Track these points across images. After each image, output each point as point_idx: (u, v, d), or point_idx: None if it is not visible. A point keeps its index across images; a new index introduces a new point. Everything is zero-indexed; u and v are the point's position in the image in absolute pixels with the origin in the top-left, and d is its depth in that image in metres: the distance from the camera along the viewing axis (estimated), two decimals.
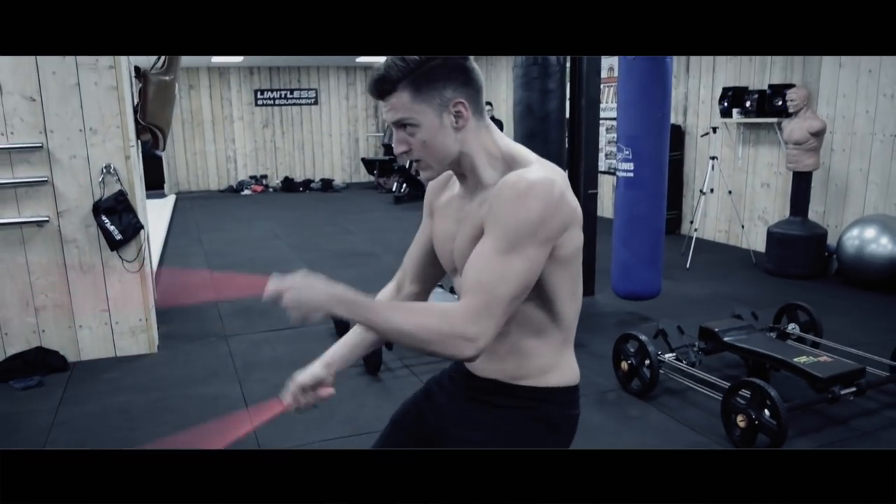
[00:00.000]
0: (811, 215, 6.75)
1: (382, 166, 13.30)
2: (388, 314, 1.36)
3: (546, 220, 1.35)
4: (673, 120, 8.74)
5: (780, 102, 7.15)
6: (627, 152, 5.15)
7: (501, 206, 1.37)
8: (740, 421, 3.25)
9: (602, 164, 9.34)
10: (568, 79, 5.80)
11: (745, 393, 3.28)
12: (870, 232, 6.08)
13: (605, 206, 9.46)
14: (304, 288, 1.37)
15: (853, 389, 3.54)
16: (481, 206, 1.45)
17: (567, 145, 5.99)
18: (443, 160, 1.47)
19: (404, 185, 11.92)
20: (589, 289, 5.80)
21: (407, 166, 11.35)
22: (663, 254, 5.31)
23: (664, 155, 5.23)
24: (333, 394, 1.69)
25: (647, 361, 3.82)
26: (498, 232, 1.36)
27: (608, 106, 9.41)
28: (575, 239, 1.44)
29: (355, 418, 3.65)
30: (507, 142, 1.51)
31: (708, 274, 6.72)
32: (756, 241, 7.58)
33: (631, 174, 5.15)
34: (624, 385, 3.96)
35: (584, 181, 5.91)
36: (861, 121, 6.53)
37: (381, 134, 14.47)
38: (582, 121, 5.89)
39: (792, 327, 4.39)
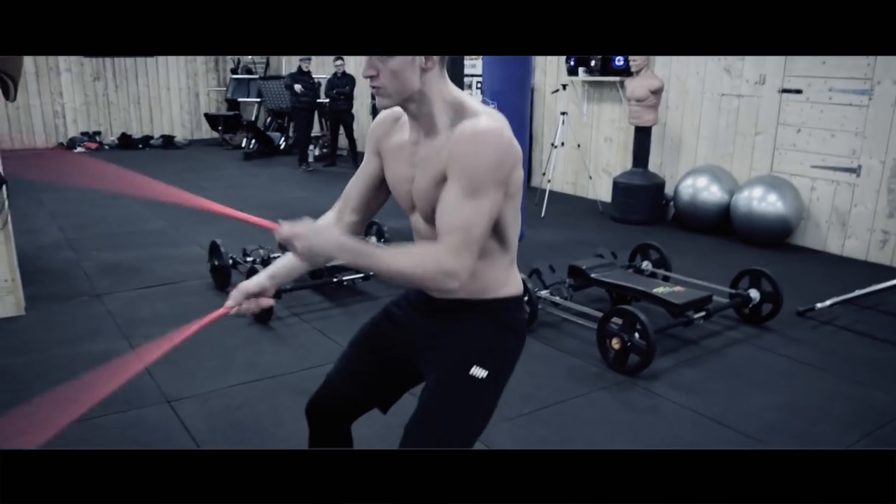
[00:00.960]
0: (651, 167, 7.40)
1: (227, 122, 12.89)
2: (388, 259, 1.54)
3: (501, 163, 1.54)
4: None
5: (621, 62, 7.73)
6: (493, 105, 5.41)
7: (462, 154, 1.54)
8: (615, 344, 3.64)
9: None
10: None
11: (618, 320, 3.68)
12: (701, 181, 6.78)
13: None
14: (314, 235, 1.51)
15: (703, 314, 4.05)
16: (439, 153, 1.61)
17: None
18: (402, 93, 1.60)
19: (253, 141, 11.66)
20: None
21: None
22: (525, 203, 5.66)
23: (526, 110, 5.56)
24: (272, 304, 1.85)
25: (527, 298, 4.14)
26: (462, 178, 1.53)
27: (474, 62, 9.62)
28: (519, 175, 1.64)
29: (255, 364, 3.71)
30: (458, 92, 1.67)
31: (561, 222, 7.20)
32: (602, 192, 8.18)
33: None
34: None
35: None
36: (692, 81, 7.20)
37: (224, 88, 13.98)
38: None
39: (645, 265, 4.88)
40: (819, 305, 4.46)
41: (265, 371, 3.62)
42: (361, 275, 4.67)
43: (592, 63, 8.03)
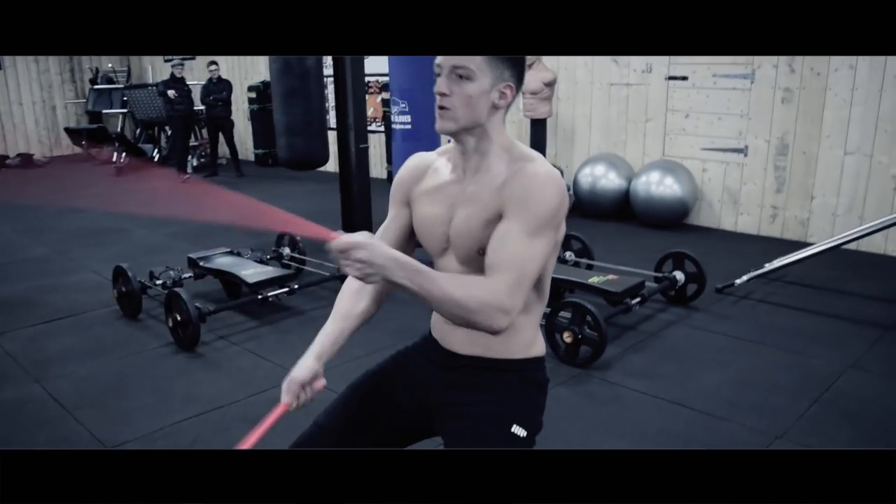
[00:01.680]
0: (547, 158, 7.52)
1: (92, 136, 12.05)
2: (442, 283, 1.45)
3: (560, 208, 1.53)
4: None
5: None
6: (404, 105, 5.32)
7: (526, 193, 1.50)
8: (566, 337, 3.64)
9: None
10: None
11: (566, 313, 3.68)
12: (599, 169, 6.96)
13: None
14: (373, 247, 1.39)
15: (638, 300, 4.14)
16: (492, 193, 1.56)
17: (334, 101, 6.01)
18: (469, 121, 1.55)
19: (123, 155, 10.98)
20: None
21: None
22: None
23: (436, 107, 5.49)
24: (324, 385, 1.72)
25: None
26: (524, 216, 1.49)
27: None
28: (564, 224, 1.62)
29: (195, 396, 3.45)
30: (513, 139, 1.64)
31: None
32: None
33: (409, 126, 5.34)
34: None
35: (354, 136, 5.98)
36: (581, 72, 7.38)
37: (84, 100, 13.09)
38: (347, 75, 5.92)
39: (568, 255, 4.94)
40: (738, 282, 4.67)
41: (209, 402, 3.38)
42: (286, 289, 4.46)
43: None
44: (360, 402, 1.81)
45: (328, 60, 8.47)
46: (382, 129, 9.20)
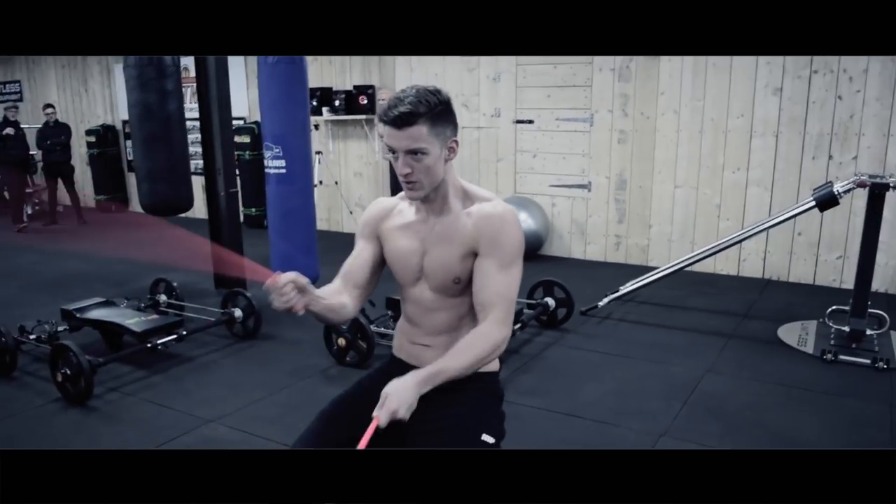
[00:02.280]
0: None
1: None
2: (456, 363, 1.77)
3: (522, 239, 1.86)
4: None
5: (364, 101, 8.12)
6: (278, 150, 5.44)
7: (494, 233, 1.81)
8: (341, 341, 4.30)
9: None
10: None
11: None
12: None
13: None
14: (404, 398, 1.69)
15: (519, 325, 4.49)
16: (459, 231, 1.84)
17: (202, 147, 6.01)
18: (433, 184, 1.82)
19: None
20: (241, 283, 5.92)
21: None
22: (316, 241, 5.75)
23: (309, 151, 5.66)
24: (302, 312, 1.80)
25: (360, 334, 4.25)
26: (498, 253, 1.81)
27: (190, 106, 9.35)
28: None
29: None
30: (460, 179, 1.92)
31: (336, 258, 7.32)
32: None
33: (283, 170, 5.46)
34: (340, 360, 4.34)
35: (223, 181, 6.00)
36: None
37: None
38: (213, 121, 5.95)
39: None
40: (600, 304, 5.17)
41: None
42: (174, 336, 4.42)
43: (336, 103, 8.30)
44: (331, 428, 1.94)
45: (191, 104, 8.36)
46: (237, 173, 9.14)
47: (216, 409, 3.75)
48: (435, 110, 1.72)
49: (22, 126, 9.42)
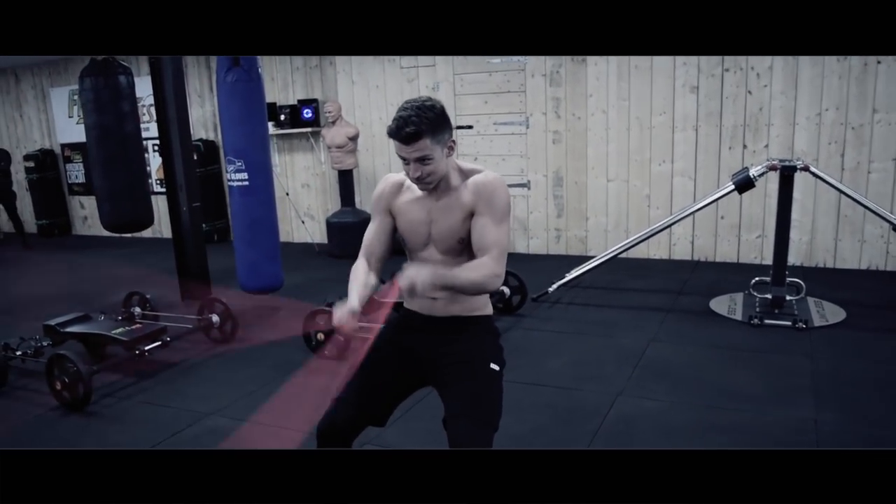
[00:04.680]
0: (354, 204, 8.20)
1: None
2: (462, 274, 2.15)
3: (509, 199, 2.29)
4: (206, 136, 9.37)
5: (309, 115, 8.44)
6: (240, 163, 5.73)
7: (489, 195, 2.23)
8: (320, 336, 4.66)
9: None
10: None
11: None
12: None
13: None
14: (423, 275, 2.07)
15: None
16: (460, 200, 2.24)
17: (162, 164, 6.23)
18: (439, 178, 2.23)
19: None
20: (208, 293, 6.16)
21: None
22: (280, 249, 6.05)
23: (269, 164, 5.96)
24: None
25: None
26: (492, 211, 2.22)
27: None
28: None
29: (118, 446, 3.64)
30: (457, 160, 2.33)
31: (292, 266, 7.62)
32: (312, 234, 8.76)
33: (246, 183, 5.76)
34: (319, 353, 4.68)
35: (186, 196, 6.24)
36: (377, 126, 8.16)
37: None
38: (173, 140, 6.19)
39: None
40: (550, 290, 5.65)
41: (136, 448, 3.59)
42: (158, 343, 4.67)
43: (282, 117, 8.59)
44: (367, 375, 2.39)
45: (149, 125, 8.51)
46: None
47: (213, 403, 4.05)
48: (434, 123, 2.13)
49: None
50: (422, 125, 2.10)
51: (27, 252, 9.49)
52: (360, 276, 2.34)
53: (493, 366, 2.31)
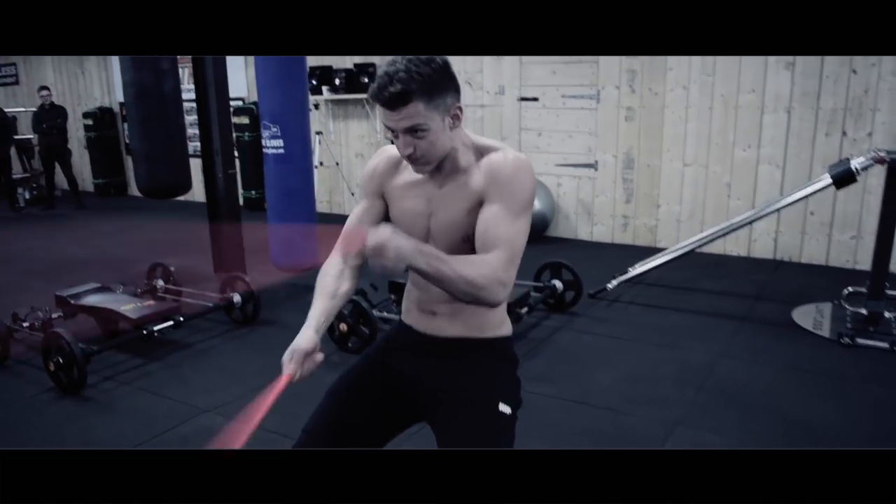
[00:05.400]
0: None
1: None
2: (453, 264, 1.56)
3: (534, 190, 1.69)
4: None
5: (366, 80, 7.93)
6: (275, 129, 5.28)
7: (505, 180, 1.65)
8: (342, 326, 4.16)
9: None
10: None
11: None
12: None
13: None
14: (398, 239, 1.50)
15: (526, 309, 4.35)
16: (469, 186, 1.69)
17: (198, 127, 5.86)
18: (440, 156, 1.67)
19: None
20: (241, 268, 5.78)
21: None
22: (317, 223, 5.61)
23: (308, 132, 5.50)
24: (323, 358, 1.73)
25: (363, 319, 4.12)
26: (507, 200, 1.64)
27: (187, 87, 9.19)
28: None
29: (94, 441, 3.25)
30: (471, 133, 1.75)
31: (335, 244, 7.20)
32: None
33: (281, 150, 5.31)
34: (342, 346, 4.21)
35: (221, 162, 5.85)
36: None
37: None
38: (210, 102, 5.79)
39: None
40: (609, 286, 5.03)
41: (111, 448, 3.20)
42: (170, 323, 4.28)
43: (337, 81, 8.12)
44: (343, 406, 1.86)
45: (187, 84, 8.20)
46: (236, 154, 8.97)
47: (214, 398, 3.63)
48: (429, 82, 1.56)
49: (9, 109, 9.22)
50: (412, 83, 1.53)
51: (80, 211, 9.35)
52: (328, 285, 1.81)
53: (502, 407, 1.75)
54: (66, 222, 8.66)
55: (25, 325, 4.31)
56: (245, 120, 8.67)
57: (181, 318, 4.34)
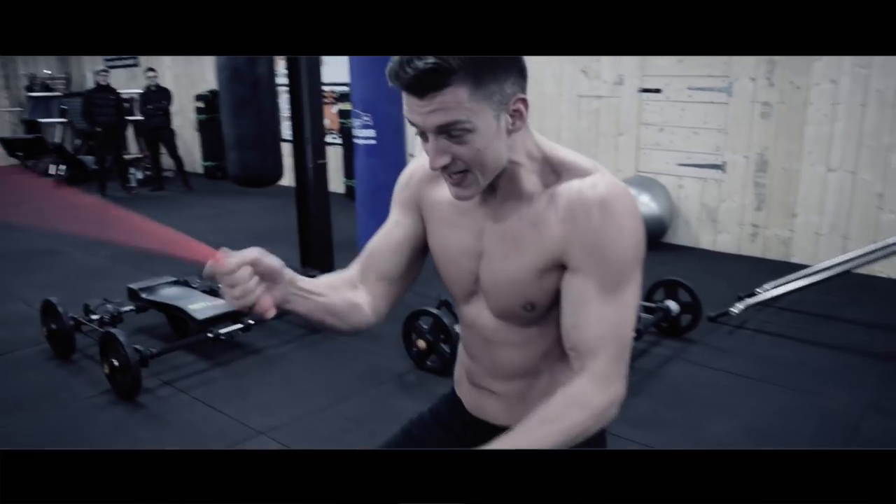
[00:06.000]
0: None
1: (29, 146, 11.32)
2: (534, 442, 1.12)
3: (643, 238, 1.17)
4: None
5: None
6: (367, 118, 4.90)
7: (596, 236, 1.13)
8: (420, 343, 3.74)
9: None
10: None
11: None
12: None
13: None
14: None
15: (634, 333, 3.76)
16: (540, 226, 1.18)
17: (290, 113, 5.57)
18: (493, 172, 1.16)
19: (61, 167, 10.33)
20: (328, 264, 5.46)
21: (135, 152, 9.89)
22: None
23: (402, 121, 5.09)
24: (273, 313, 1.16)
25: (443, 336, 3.67)
26: (603, 270, 1.14)
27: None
28: None
29: None
30: (543, 140, 1.22)
31: None
32: None
33: (373, 141, 4.93)
34: (419, 364, 3.77)
35: (311, 151, 5.53)
36: (549, 83, 7.04)
37: (20, 109, 12.32)
38: (302, 85, 5.47)
39: None
40: (734, 310, 4.33)
41: None
42: (240, 326, 3.97)
43: None
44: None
45: (282, 68, 8.03)
46: (340, 141, 8.73)
47: (271, 418, 3.27)
48: (478, 59, 1.05)
49: (117, 91, 9.31)
50: (450, 58, 1.03)
51: (187, 193, 9.37)
52: (332, 277, 1.37)
53: None
54: (170, 204, 8.66)
55: (95, 317, 4.10)
56: (349, 106, 8.36)
57: (251, 322, 4.01)
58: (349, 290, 1.34)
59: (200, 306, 4.01)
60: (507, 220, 1.21)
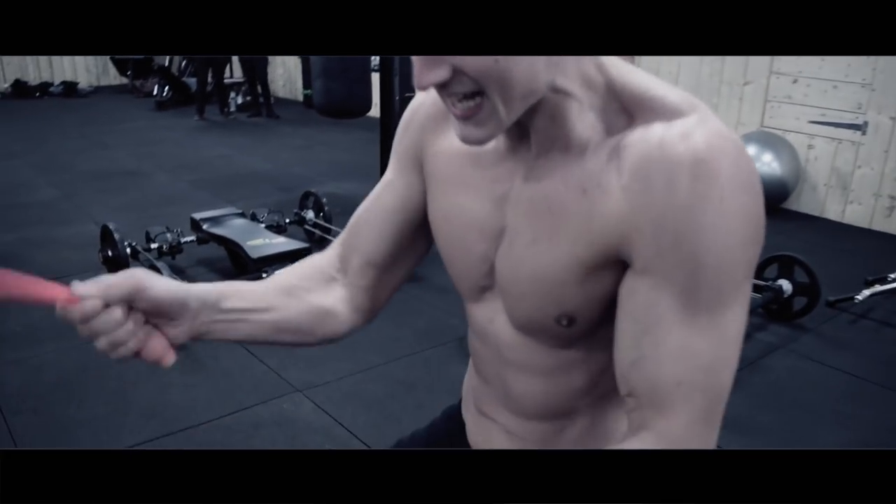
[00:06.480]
0: None
1: (137, 66, 11.47)
2: None
3: (760, 226, 0.71)
4: None
5: None
6: None
7: (680, 216, 0.68)
8: None
9: None
10: None
11: None
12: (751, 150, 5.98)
13: None
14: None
15: None
16: (593, 197, 0.74)
17: None
18: (524, 101, 0.72)
19: (166, 89, 10.37)
20: None
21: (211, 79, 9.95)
22: None
23: None
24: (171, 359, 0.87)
25: None
26: (689, 274, 0.70)
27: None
28: None
29: (159, 410, 2.73)
30: (613, 60, 0.76)
31: None
32: None
33: None
34: None
35: (398, 83, 5.18)
36: None
37: None
38: None
39: None
40: (859, 297, 3.69)
41: (172, 421, 2.65)
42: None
43: None
44: None
45: None
46: None
47: (312, 374, 2.98)
48: None
49: None
50: None
51: (275, 122, 9.21)
52: (293, 276, 1.01)
53: None
54: (264, 132, 8.51)
55: (154, 246, 3.92)
56: None
57: None
58: (318, 290, 1.00)
59: (259, 243, 3.76)
60: (544, 182, 0.78)
